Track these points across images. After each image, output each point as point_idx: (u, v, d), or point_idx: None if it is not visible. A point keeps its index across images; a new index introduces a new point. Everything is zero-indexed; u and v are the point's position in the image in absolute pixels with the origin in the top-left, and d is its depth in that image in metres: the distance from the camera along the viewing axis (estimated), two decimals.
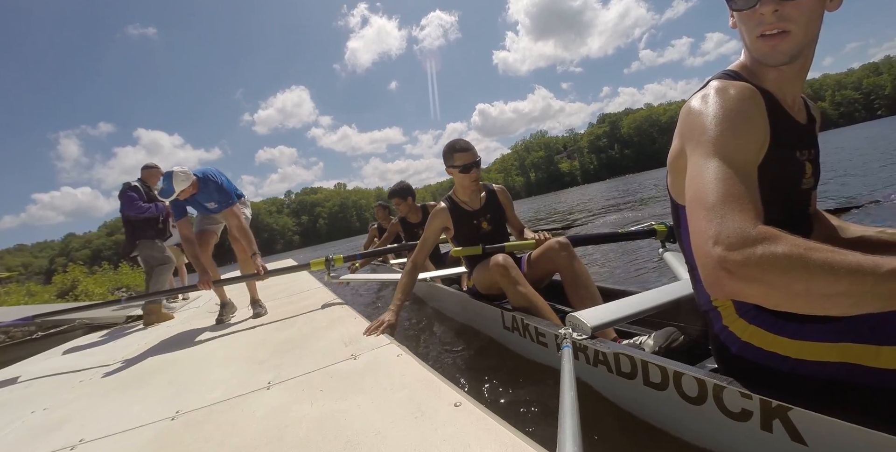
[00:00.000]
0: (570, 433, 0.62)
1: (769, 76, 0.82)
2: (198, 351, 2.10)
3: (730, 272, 0.56)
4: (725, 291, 0.58)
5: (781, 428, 0.77)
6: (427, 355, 2.05)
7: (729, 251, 0.56)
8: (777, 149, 0.77)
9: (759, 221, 0.59)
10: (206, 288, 2.60)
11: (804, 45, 0.74)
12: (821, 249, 0.52)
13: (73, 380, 2.00)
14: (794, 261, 0.52)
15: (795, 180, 0.85)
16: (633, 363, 1.09)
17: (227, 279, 2.76)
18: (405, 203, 3.53)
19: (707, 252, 0.58)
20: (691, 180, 0.69)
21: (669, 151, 0.87)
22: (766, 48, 0.74)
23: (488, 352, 1.87)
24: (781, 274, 0.52)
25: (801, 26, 0.71)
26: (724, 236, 0.58)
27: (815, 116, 0.93)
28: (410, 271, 2.00)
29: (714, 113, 0.72)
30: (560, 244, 1.77)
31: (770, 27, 0.72)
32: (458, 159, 1.98)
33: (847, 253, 0.51)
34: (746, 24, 0.75)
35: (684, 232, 0.93)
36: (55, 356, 2.80)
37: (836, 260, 0.50)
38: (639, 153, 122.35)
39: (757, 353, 0.82)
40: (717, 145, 0.68)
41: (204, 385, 1.50)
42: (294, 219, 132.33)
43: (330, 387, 1.24)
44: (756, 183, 0.66)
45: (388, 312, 1.85)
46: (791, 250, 0.53)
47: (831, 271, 0.50)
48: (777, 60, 0.75)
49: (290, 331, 2.09)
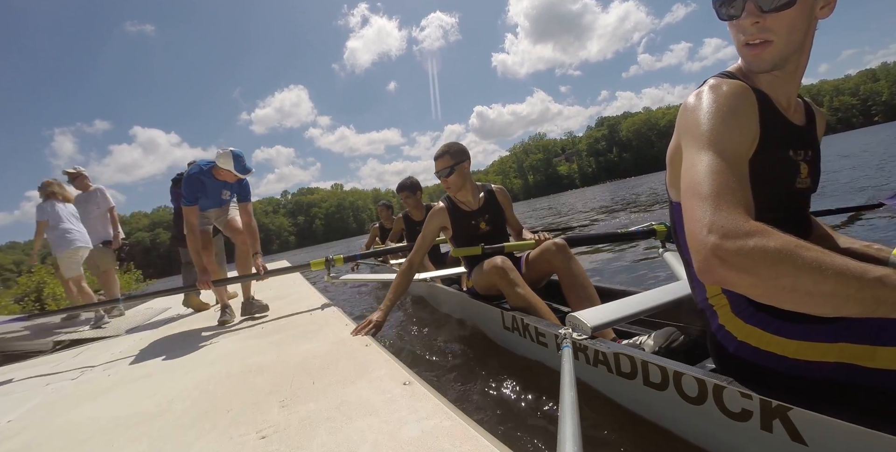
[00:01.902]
0: (570, 433, 0.61)
1: (762, 78, 0.84)
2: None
3: (722, 260, 0.58)
4: (716, 277, 0.60)
5: (781, 428, 0.77)
6: (427, 355, 2.04)
7: (723, 240, 0.58)
8: (768, 147, 0.79)
9: (750, 215, 0.61)
10: (205, 288, 2.55)
11: (788, 53, 0.77)
12: (812, 248, 0.54)
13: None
14: (785, 256, 0.54)
15: (789, 180, 0.86)
16: (633, 363, 1.08)
17: (227, 279, 2.74)
18: (413, 198, 3.55)
19: (701, 240, 0.60)
20: (686, 172, 0.71)
21: (668, 148, 0.89)
22: (750, 56, 0.79)
23: (488, 352, 1.87)
24: (771, 267, 0.54)
25: (783, 36, 0.75)
26: (718, 225, 0.59)
27: (816, 119, 0.94)
28: (406, 271, 2.01)
29: (707, 108, 0.75)
30: (557, 246, 1.78)
31: (752, 37, 0.76)
32: (436, 166, 2.05)
33: (837, 256, 0.53)
34: (732, 31, 0.80)
35: (681, 230, 0.94)
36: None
37: (826, 261, 0.52)
38: (637, 157, 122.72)
39: (754, 352, 0.82)
40: (710, 138, 0.71)
41: None
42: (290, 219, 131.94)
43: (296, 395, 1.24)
44: (747, 177, 0.69)
45: (377, 311, 1.89)
46: (783, 245, 0.55)
47: (819, 270, 0.52)
48: (760, 67, 0.79)
49: (276, 336, 2.08)
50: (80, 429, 1.28)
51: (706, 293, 0.91)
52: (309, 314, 2.48)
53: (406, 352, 2.12)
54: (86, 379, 1.93)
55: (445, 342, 2.18)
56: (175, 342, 2.43)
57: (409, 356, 2.05)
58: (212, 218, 2.89)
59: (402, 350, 2.16)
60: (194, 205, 2.60)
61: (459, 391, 1.55)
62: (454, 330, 2.30)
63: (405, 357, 1.99)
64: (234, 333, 2.34)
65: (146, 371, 1.86)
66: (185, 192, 2.57)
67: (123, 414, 1.34)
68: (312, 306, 2.67)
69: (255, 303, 2.77)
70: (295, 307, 2.73)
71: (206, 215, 2.86)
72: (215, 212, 2.86)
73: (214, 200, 2.74)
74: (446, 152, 2.01)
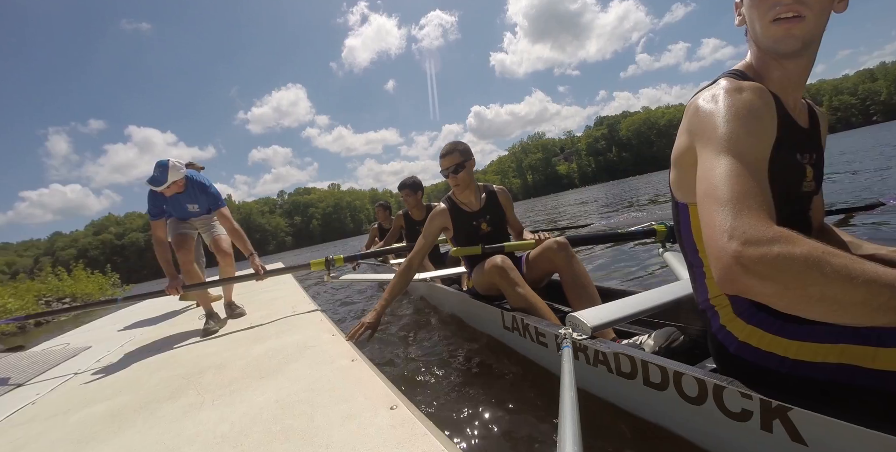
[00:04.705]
0: (570, 432, 0.61)
1: (773, 76, 0.83)
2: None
3: (745, 267, 0.54)
4: (738, 287, 0.56)
5: (781, 428, 0.77)
6: (426, 355, 2.04)
7: (745, 246, 0.55)
8: (778, 150, 0.77)
9: (772, 219, 0.58)
10: (173, 293, 2.46)
11: (814, 35, 0.75)
12: (840, 255, 0.51)
13: None
14: (812, 264, 0.51)
15: (795, 182, 0.86)
16: (633, 363, 1.09)
17: (226, 280, 2.69)
18: (414, 197, 3.54)
19: (722, 247, 0.57)
20: (703, 176, 0.68)
21: (674, 148, 0.88)
22: (781, 31, 0.74)
23: (488, 352, 1.87)
24: (797, 275, 0.51)
25: (815, 13, 0.72)
26: (739, 231, 0.56)
27: (819, 120, 0.93)
28: (404, 271, 1.99)
29: (726, 111, 0.73)
30: (558, 244, 1.77)
31: (786, 9, 0.72)
32: (441, 164, 2.04)
33: (867, 263, 0.50)
34: (760, 7, 0.76)
35: (685, 230, 0.94)
36: None
37: (856, 268, 0.49)
38: (637, 156, 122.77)
39: (755, 353, 0.82)
40: (729, 142, 0.68)
41: None
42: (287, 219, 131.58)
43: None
44: (767, 181, 0.66)
45: (370, 313, 1.88)
46: (810, 252, 0.51)
47: (849, 278, 0.49)
48: (789, 45, 0.75)
49: (264, 343, 2.02)
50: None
51: (708, 294, 0.91)
52: (295, 321, 2.35)
53: (399, 360, 2.03)
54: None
55: (445, 341, 2.18)
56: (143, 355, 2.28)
57: (402, 364, 1.97)
58: (196, 225, 2.85)
59: (396, 358, 2.07)
60: (159, 219, 2.55)
61: (456, 398, 1.54)
62: (453, 330, 2.30)
63: (397, 367, 1.91)
64: (207, 354, 2.02)
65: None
66: (148, 206, 2.51)
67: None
68: (298, 312, 2.59)
69: (235, 307, 2.83)
70: (280, 315, 2.60)
71: (190, 222, 2.83)
72: (199, 221, 2.82)
73: (185, 213, 2.70)
74: (455, 149, 2.00)
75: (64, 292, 9.47)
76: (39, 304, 8.55)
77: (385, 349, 2.21)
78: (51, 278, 10.16)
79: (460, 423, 1.31)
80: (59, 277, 10.22)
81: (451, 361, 1.90)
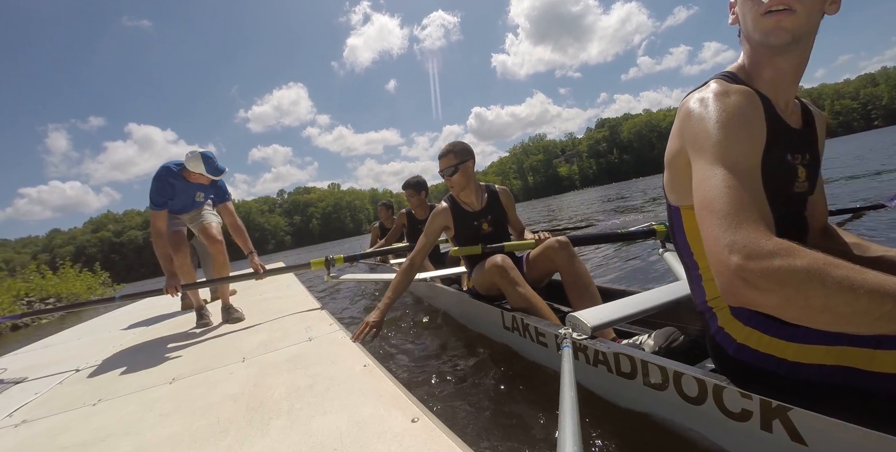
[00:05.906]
0: (569, 433, 0.61)
1: (765, 76, 0.83)
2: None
3: (747, 282, 0.55)
4: (742, 300, 0.57)
5: (781, 428, 0.77)
6: (425, 356, 2.04)
7: (746, 261, 0.55)
8: (768, 151, 0.77)
9: (771, 231, 0.59)
10: (172, 293, 2.35)
11: (804, 31, 0.75)
12: (841, 266, 0.52)
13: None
14: (814, 276, 0.51)
15: (786, 183, 0.86)
16: (633, 363, 1.09)
17: (224, 279, 2.62)
18: (417, 197, 3.55)
19: (723, 261, 0.58)
20: (698, 187, 0.69)
21: (667, 150, 0.88)
22: (771, 23, 0.74)
23: (487, 352, 1.87)
24: (799, 288, 0.52)
25: (806, 8, 0.72)
26: (739, 245, 0.57)
27: (815, 121, 0.93)
28: (407, 270, 1.97)
29: (716, 118, 0.73)
30: (560, 243, 1.77)
31: (777, 1, 0.72)
32: (440, 165, 2.04)
33: (869, 272, 0.50)
34: (750, 4, 0.76)
35: (679, 232, 0.93)
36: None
37: (857, 279, 0.50)
38: (638, 159, 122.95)
39: (753, 355, 0.82)
40: (721, 152, 0.69)
41: None
42: (286, 219, 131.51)
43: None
44: (762, 189, 0.66)
45: (374, 312, 1.84)
46: (811, 264, 0.52)
47: (851, 289, 0.49)
48: (780, 38, 0.75)
49: (258, 336, 2.02)
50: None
51: (706, 296, 0.91)
52: (300, 321, 2.26)
53: (397, 361, 2.02)
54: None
55: (444, 341, 2.18)
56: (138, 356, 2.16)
57: (401, 364, 1.96)
58: (185, 220, 2.77)
59: (394, 359, 2.05)
60: (162, 209, 2.43)
61: (454, 397, 1.54)
62: (453, 330, 2.30)
63: (396, 367, 1.89)
64: (201, 359, 1.86)
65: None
66: (151, 195, 2.38)
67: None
68: (304, 314, 2.46)
69: (233, 311, 2.59)
70: (284, 314, 2.51)
71: (179, 218, 2.72)
72: (188, 215, 2.75)
73: (186, 202, 2.62)
74: (450, 151, 2.00)
75: (48, 291, 8.72)
76: (20, 305, 7.71)
77: (384, 350, 2.21)
78: (34, 277, 9.32)
79: (458, 422, 1.31)
80: (43, 275, 9.37)
81: (450, 361, 1.90)
